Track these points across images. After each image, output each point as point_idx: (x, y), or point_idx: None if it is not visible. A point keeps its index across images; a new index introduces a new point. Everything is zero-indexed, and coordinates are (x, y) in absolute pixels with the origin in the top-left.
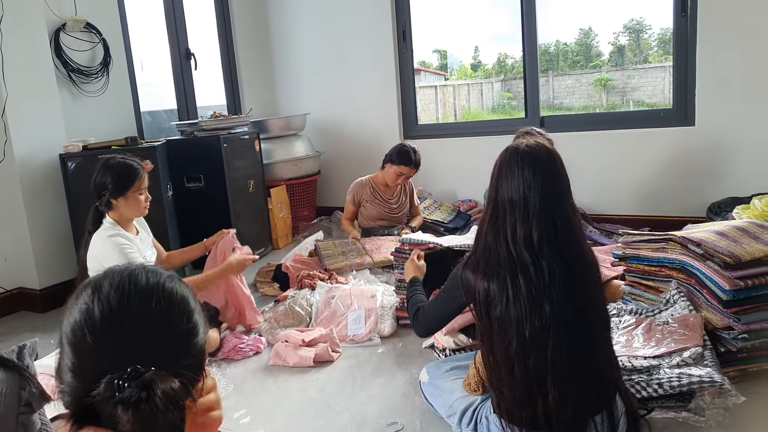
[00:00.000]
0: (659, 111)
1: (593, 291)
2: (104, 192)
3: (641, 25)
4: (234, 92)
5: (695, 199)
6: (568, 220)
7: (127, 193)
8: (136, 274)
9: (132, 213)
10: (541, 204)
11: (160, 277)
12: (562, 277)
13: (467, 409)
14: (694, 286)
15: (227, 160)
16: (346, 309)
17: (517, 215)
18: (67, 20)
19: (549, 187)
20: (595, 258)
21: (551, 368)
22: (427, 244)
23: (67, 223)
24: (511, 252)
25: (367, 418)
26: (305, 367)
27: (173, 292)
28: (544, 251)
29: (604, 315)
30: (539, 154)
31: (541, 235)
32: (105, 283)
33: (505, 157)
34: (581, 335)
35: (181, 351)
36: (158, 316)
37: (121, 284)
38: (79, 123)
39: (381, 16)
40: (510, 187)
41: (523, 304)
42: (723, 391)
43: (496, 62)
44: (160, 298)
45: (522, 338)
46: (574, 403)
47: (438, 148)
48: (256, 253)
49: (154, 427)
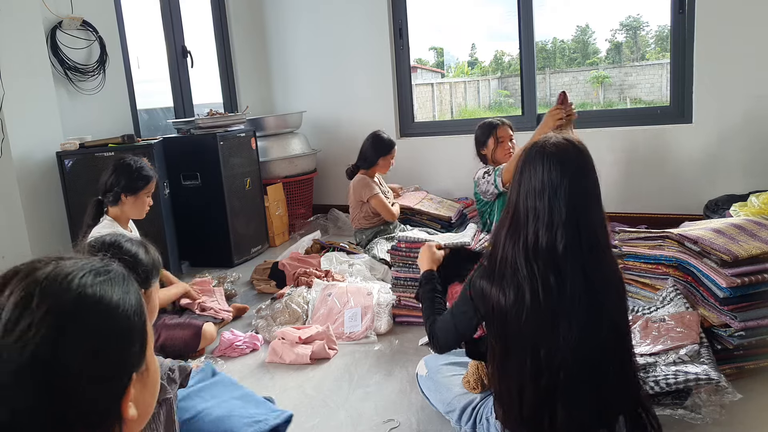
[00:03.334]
0: (656, 108)
1: (616, 313)
2: (116, 188)
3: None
4: (230, 90)
5: (692, 196)
6: (594, 232)
7: (139, 193)
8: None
9: (134, 213)
10: (568, 211)
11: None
12: (584, 296)
13: (467, 406)
14: (691, 283)
15: (224, 158)
16: (342, 306)
17: (540, 223)
18: (64, 18)
19: (577, 192)
20: (619, 274)
21: (562, 387)
22: (423, 242)
23: (64, 221)
24: (531, 262)
25: (364, 415)
26: (302, 364)
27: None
28: (568, 264)
29: (624, 338)
30: (567, 152)
31: (566, 246)
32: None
33: (529, 155)
34: (598, 357)
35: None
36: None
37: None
38: (75, 121)
39: (377, 13)
40: (534, 191)
41: (541, 319)
42: (719, 389)
43: (493, 60)
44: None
45: (537, 357)
46: (581, 422)
47: (434, 146)
48: (252, 251)
49: None
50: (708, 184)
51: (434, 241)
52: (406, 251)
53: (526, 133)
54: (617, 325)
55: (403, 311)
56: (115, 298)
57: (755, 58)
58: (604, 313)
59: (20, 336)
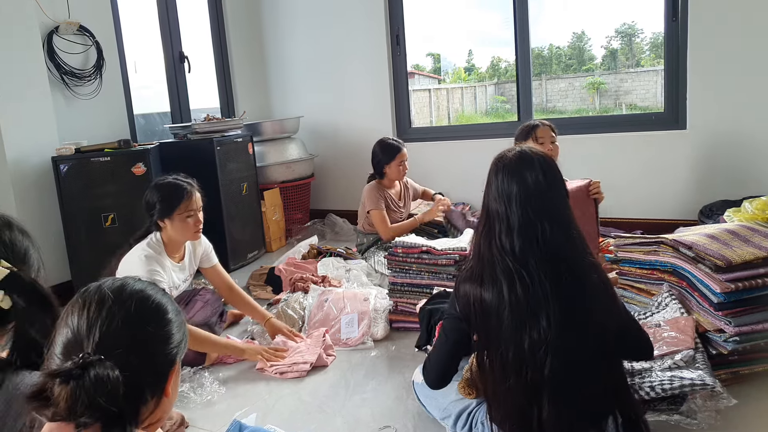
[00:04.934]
0: (651, 114)
1: (600, 314)
2: (153, 212)
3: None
4: (227, 95)
5: (687, 202)
6: (557, 234)
7: (173, 215)
8: (126, 281)
9: (179, 236)
10: (523, 216)
11: (145, 286)
12: (553, 294)
13: (462, 412)
14: (686, 288)
15: (220, 163)
16: (339, 312)
17: (502, 226)
18: (60, 23)
19: (533, 198)
20: (603, 275)
21: (548, 384)
22: (420, 247)
23: (59, 226)
24: (506, 261)
25: (360, 421)
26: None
27: (149, 299)
28: (530, 265)
29: (606, 335)
30: (525, 163)
31: (523, 248)
32: (102, 283)
33: (496, 165)
34: (583, 356)
35: (142, 351)
36: (128, 315)
37: (107, 286)
38: (71, 126)
39: (375, 20)
40: (494, 197)
41: (520, 313)
42: (714, 394)
43: (490, 66)
44: (136, 302)
45: (520, 350)
46: (569, 420)
47: (432, 151)
48: (249, 256)
49: (81, 408)
50: (702, 189)
51: (427, 246)
52: (403, 256)
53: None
54: (603, 325)
55: (400, 317)
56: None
57: (748, 65)
58: (585, 312)
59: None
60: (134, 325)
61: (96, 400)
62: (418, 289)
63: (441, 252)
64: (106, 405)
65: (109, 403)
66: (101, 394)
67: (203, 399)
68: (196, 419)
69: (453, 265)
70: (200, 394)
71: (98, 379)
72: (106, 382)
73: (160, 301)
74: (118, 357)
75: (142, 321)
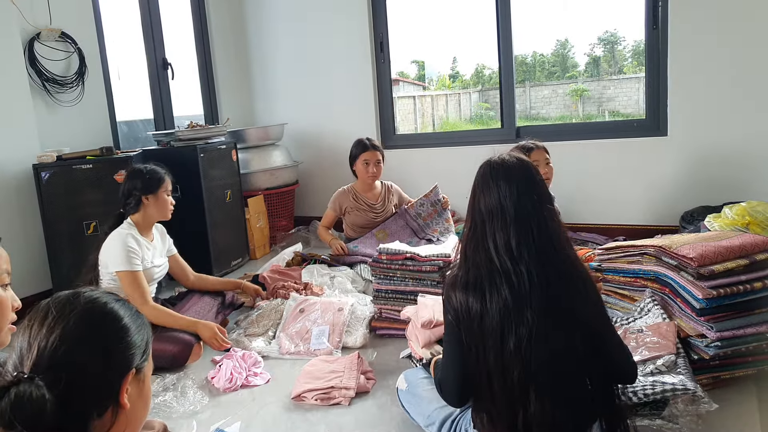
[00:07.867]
0: (633, 121)
1: (578, 303)
2: (135, 191)
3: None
4: (211, 102)
5: (668, 207)
6: (545, 226)
7: (157, 192)
8: (78, 293)
9: (159, 213)
10: (517, 211)
11: (97, 296)
12: (541, 285)
13: (446, 419)
14: (668, 295)
15: (204, 170)
16: (312, 324)
17: (496, 224)
18: (42, 29)
19: (524, 195)
20: (582, 267)
21: (533, 381)
22: (404, 254)
23: (40, 234)
24: (492, 260)
25: (344, 429)
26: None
27: (96, 309)
28: (524, 257)
29: (590, 328)
30: (512, 164)
31: (519, 241)
32: (53, 298)
33: (481, 172)
34: (565, 348)
35: (82, 366)
36: (66, 330)
37: (54, 300)
38: (53, 133)
39: (359, 27)
40: (487, 200)
41: (506, 311)
42: (696, 399)
43: (474, 73)
44: (78, 315)
45: (506, 348)
46: (555, 423)
47: (416, 158)
48: (233, 263)
49: (3, 426)
50: (683, 195)
51: (411, 252)
52: (387, 263)
53: (506, 145)
54: (589, 326)
55: (384, 323)
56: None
57: (728, 72)
58: (570, 311)
59: None
60: (74, 340)
61: (13, 421)
62: (403, 295)
63: (425, 258)
64: (29, 424)
65: (34, 421)
66: (22, 413)
67: (186, 408)
68: (178, 429)
69: (437, 271)
70: (182, 404)
71: (18, 398)
72: (27, 401)
73: (111, 309)
74: (51, 374)
75: (84, 335)
